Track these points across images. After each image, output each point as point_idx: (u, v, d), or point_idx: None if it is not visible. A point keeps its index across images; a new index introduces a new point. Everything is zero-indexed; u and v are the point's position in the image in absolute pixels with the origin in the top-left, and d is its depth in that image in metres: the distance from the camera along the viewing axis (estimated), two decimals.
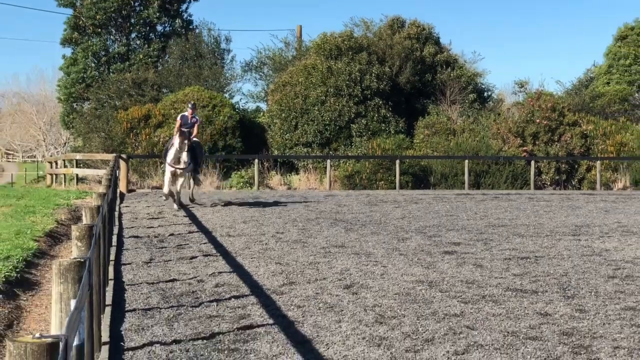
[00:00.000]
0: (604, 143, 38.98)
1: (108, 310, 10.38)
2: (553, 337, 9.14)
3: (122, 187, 31.27)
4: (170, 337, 9.14)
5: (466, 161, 36.12)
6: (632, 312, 10.47)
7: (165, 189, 24.29)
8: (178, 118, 25.08)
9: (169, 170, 23.98)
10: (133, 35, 52.12)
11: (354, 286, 12.24)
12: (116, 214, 21.39)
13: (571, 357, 8.35)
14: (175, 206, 24.57)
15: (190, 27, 52.33)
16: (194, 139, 25.00)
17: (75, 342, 5.09)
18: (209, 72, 46.29)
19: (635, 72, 53.21)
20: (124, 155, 33.98)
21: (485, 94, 50.31)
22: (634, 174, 37.83)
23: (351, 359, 8.27)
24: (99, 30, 50.52)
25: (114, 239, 17.02)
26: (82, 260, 5.99)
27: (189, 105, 25.64)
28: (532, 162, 36.75)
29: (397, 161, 35.58)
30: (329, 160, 36.77)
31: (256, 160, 36.74)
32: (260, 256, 15.27)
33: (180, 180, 24.28)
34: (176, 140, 23.66)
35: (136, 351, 8.61)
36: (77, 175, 37.97)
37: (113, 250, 15.37)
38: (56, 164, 43.09)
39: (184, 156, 23.34)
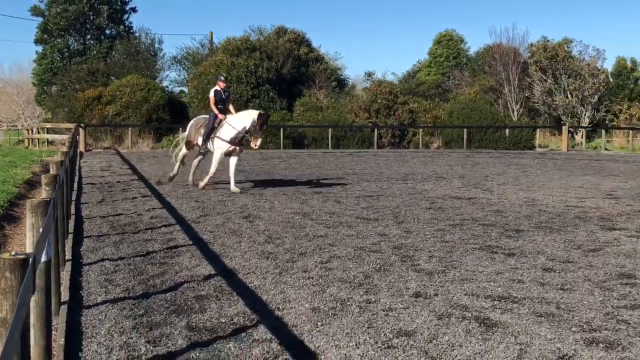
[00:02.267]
0: (424, 116, 39.68)
1: (71, 237, 10.08)
2: (388, 250, 9.28)
3: (81, 147, 30.52)
4: (117, 255, 8.94)
5: (330, 129, 36.34)
6: (442, 232, 10.70)
7: (213, 170, 16.16)
8: (211, 95, 16.54)
9: (223, 148, 16.03)
10: (88, 36, 50.29)
11: (250, 217, 12.19)
12: (77, 167, 20.77)
13: (400, 263, 8.49)
14: (201, 184, 16.24)
15: (131, 31, 50.93)
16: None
17: (44, 259, 4.92)
18: (145, 65, 45.53)
19: (446, 67, 54.20)
20: (82, 125, 33.41)
21: (344, 82, 50.74)
22: (444, 137, 38.67)
23: (247, 267, 8.24)
24: (63, 33, 48.69)
25: (75, 185, 16.53)
26: (48, 199, 5.80)
27: (221, 78, 17.03)
28: (375, 130, 37.17)
29: (282, 129, 35.68)
30: None
31: (180, 129, 36.30)
32: (184, 196, 15.05)
33: (235, 159, 16.27)
34: (241, 120, 15.75)
35: (91, 266, 8.40)
36: (47, 139, 36.98)
37: (74, 194, 14.92)
38: (32, 131, 41.86)
39: (259, 142, 15.69)
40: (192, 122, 17.79)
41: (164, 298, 6.93)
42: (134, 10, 51.49)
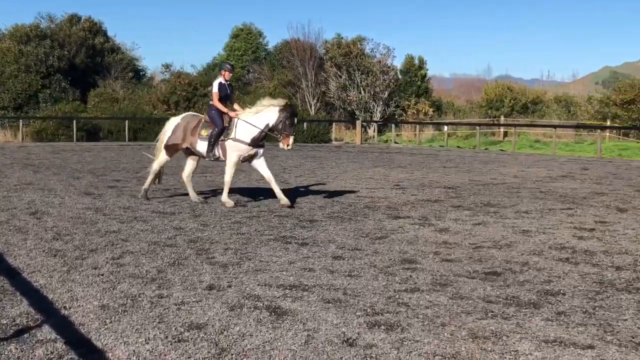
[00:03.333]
0: None
1: None
2: (184, 244, 9.22)
3: None
4: None
5: (127, 121, 35.39)
6: (239, 225, 10.80)
7: (229, 178, 13.05)
8: (215, 89, 13.04)
9: (242, 151, 12.89)
10: None
11: (38, 213, 11.59)
12: None
13: (196, 257, 8.46)
14: (228, 200, 12.93)
15: None
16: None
17: None
18: None
19: (246, 60, 54.58)
20: None
21: (141, 73, 49.64)
22: None
23: (33, 266, 7.84)
24: None
25: None
26: None
27: (227, 67, 13.43)
28: None
29: (74, 121, 34.22)
30: (21, 121, 34.96)
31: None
32: None
33: (262, 162, 13.15)
34: (262, 116, 12.67)
35: None
36: None
37: None
38: None
39: (291, 140, 12.64)
40: (176, 120, 13.76)
41: None
42: None
